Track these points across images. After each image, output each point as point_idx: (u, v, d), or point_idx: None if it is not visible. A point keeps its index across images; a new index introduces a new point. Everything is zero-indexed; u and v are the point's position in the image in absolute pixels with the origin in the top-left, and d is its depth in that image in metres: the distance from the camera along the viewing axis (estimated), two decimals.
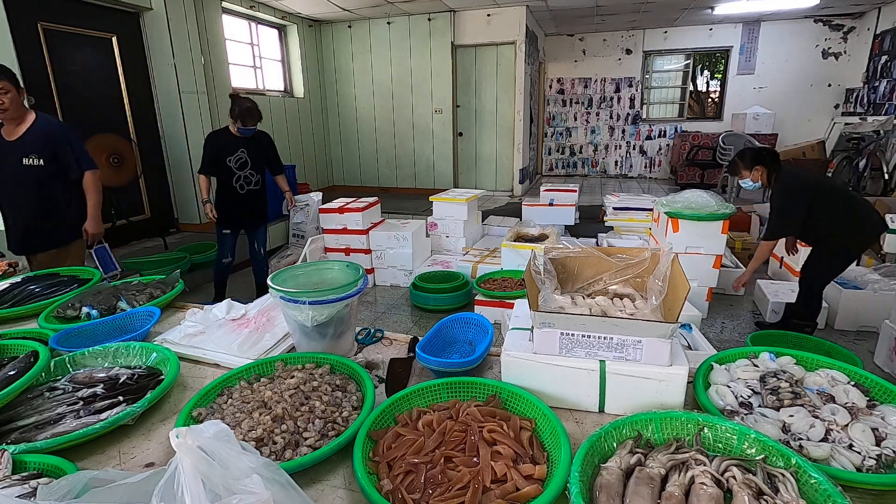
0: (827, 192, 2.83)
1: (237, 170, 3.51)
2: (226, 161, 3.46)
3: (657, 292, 1.08)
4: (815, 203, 2.76)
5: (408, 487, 0.80)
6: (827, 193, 2.82)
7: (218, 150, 3.47)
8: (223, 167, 3.48)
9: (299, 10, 7.21)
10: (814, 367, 1.11)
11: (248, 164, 3.54)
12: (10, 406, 1.04)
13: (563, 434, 0.86)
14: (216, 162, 3.49)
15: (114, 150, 4.25)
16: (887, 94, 7.15)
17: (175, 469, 0.58)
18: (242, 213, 3.67)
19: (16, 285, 1.78)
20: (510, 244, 3.88)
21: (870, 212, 2.82)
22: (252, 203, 3.66)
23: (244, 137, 3.50)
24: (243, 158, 3.51)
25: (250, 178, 3.58)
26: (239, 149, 3.49)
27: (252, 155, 3.55)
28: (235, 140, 3.49)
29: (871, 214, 2.82)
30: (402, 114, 8.09)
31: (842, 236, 2.80)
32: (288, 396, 1.03)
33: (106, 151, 4.18)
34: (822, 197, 2.79)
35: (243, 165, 3.53)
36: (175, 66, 5.15)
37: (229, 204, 3.59)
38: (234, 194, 3.55)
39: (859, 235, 2.80)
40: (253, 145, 3.56)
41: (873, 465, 0.82)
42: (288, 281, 1.30)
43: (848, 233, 2.79)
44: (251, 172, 3.58)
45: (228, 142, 3.48)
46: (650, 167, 9.84)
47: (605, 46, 9.44)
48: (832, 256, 2.88)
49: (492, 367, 1.25)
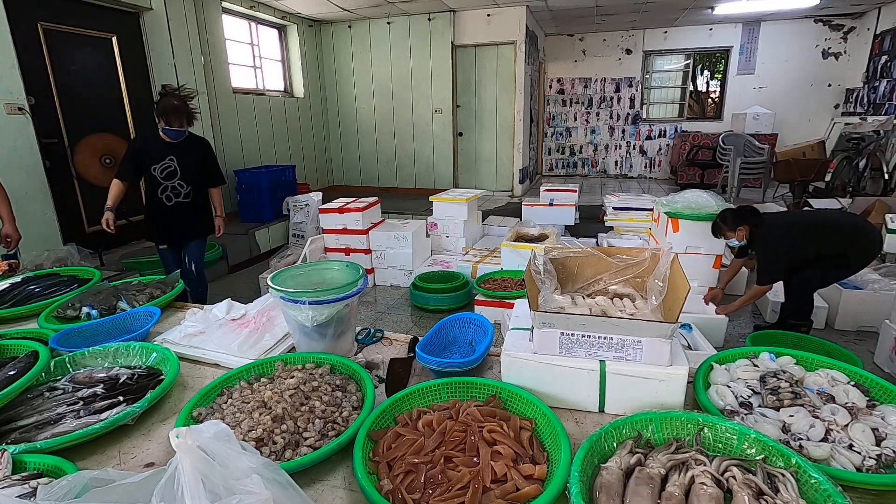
0: (807, 228, 2.87)
1: (163, 180, 3.04)
2: (150, 169, 3.01)
3: (657, 292, 1.08)
4: (796, 243, 2.83)
5: (408, 487, 0.80)
6: (807, 229, 2.87)
7: (141, 155, 3.02)
8: (148, 175, 3.04)
9: (299, 10, 7.21)
10: (814, 367, 1.11)
11: (177, 174, 3.06)
12: (10, 406, 1.04)
13: (563, 434, 0.86)
14: (138, 168, 3.04)
15: (107, 150, 4.21)
16: (887, 94, 7.15)
17: (175, 469, 0.58)
18: (170, 227, 3.20)
19: (16, 285, 1.78)
20: (510, 244, 3.88)
21: (860, 229, 2.83)
22: (181, 217, 3.18)
23: (173, 142, 3.02)
24: (171, 167, 3.04)
25: (179, 189, 3.09)
26: (167, 156, 3.02)
27: (182, 163, 3.06)
28: (164, 145, 3.02)
29: (862, 231, 2.82)
30: (402, 114, 8.08)
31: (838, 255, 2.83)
32: (288, 396, 1.03)
33: (99, 152, 4.16)
34: (803, 234, 2.84)
35: (171, 175, 3.05)
36: (175, 66, 5.15)
37: (156, 217, 3.16)
38: (160, 206, 3.10)
39: (856, 248, 2.81)
40: (184, 152, 3.07)
41: (873, 465, 0.82)
42: (288, 281, 1.30)
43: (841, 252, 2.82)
44: (180, 183, 3.09)
45: (154, 147, 3.02)
46: (650, 167, 9.84)
47: (605, 46, 9.44)
48: (831, 268, 2.91)
49: (492, 367, 1.25)
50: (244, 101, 6.50)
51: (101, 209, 3.07)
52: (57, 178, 4.12)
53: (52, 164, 4.06)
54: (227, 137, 6.18)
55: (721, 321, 3.03)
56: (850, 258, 2.82)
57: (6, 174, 3.63)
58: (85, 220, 4.52)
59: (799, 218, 3.14)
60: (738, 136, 7.21)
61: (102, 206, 3.06)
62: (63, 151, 4.25)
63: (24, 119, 3.75)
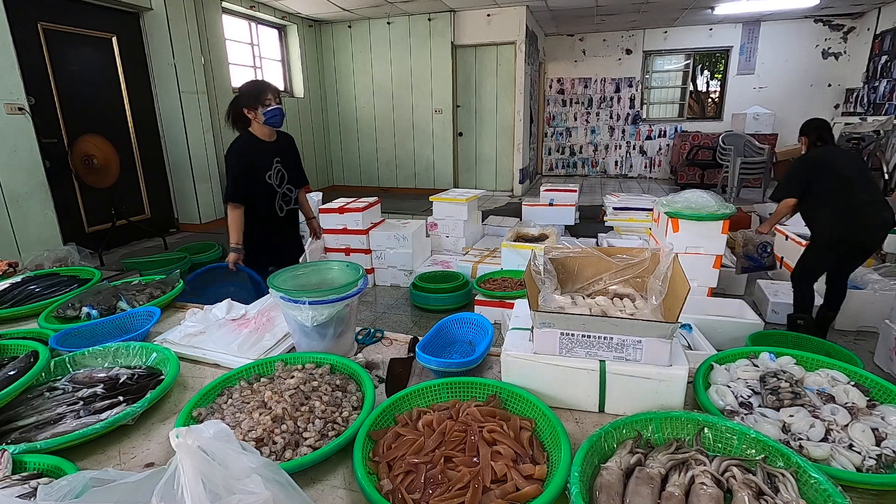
0: (829, 174, 2.80)
1: (278, 187, 2.53)
2: (265, 178, 2.46)
3: (657, 292, 1.08)
4: (812, 181, 2.82)
5: (408, 487, 0.80)
6: (829, 175, 2.80)
7: (251, 166, 2.43)
8: (261, 187, 2.47)
9: (299, 10, 7.21)
10: (814, 367, 1.11)
11: (285, 178, 2.56)
12: (10, 406, 1.04)
13: (563, 434, 0.86)
14: (253, 182, 2.44)
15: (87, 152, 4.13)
16: (887, 94, 7.15)
17: (175, 469, 0.58)
18: (285, 239, 2.69)
19: (16, 285, 1.78)
20: (510, 244, 3.88)
21: (861, 206, 2.72)
22: (292, 226, 2.72)
23: (270, 143, 2.50)
24: (280, 170, 2.53)
25: (288, 195, 2.61)
26: (273, 158, 2.49)
27: (286, 164, 2.56)
28: (265, 147, 2.47)
29: (863, 209, 2.72)
30: (402, 114, 8.09)
31: (821, 224, 2.82)
32: (288, 396, 1.03)
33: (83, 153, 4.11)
34: (820, 177, 2.81)
35: (282, 180, 2.55)
36: (175, 66, 5.15)
37: (270, 233, 2.57)
38: (272, 220, 2.56)
39: (838, 228, 2.75)
40: (283, 150, 2.57)
41: (873, 465, 0.82)
42: (288, 281, 1.30)
43: (826, 221, 2.79)
44: (289, 188, 2.60)
45: (255, 151, 2.45)
46: (650, 167, 9.84)
47: (605, 46, 9.44)
48: (816, 246, 2.91)
49: (492, 367, 1.25)
50: None
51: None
52: (57, 178, 4.12)
53: (52, 164, 4.06)
54: (227, 138, 6.17)
55: (721, 321, 3.03)
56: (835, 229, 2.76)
57: (6, 174, 3.64)
58: (85, 220, 4.53)
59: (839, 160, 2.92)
60: (738, 136, 7.21)
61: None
62: (63, 151, 4.26)
63: (24, 119, 3.75)
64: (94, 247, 4.08)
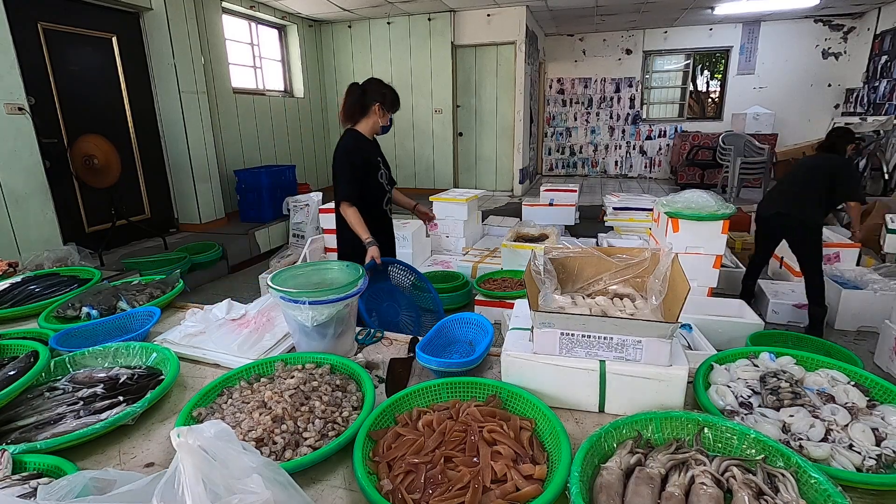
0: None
1: (386, 186, 2.51)
2: (377, 177, 2.43)
3: (657, 292, 1.08)
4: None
5: (408, 487, 0.80)
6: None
7: (370, 160, 2.40)
8: (374, 187, 2.43)
9: (299, 10, 7.21)
10: (814, 367, 1.11)
11: (387, 178, 2.54)
12: (10, 406, 1.04)
13: (563, 434, 0.86)
14: (366, 180, 2.39)
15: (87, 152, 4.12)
16: (887, 94, 7.15)
17: (176, 469, 0.58)
18: (389, 241, 2.61)
19: (16, 285, 1.78)
20: (510, 244, 3.88)
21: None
22: (391, 227, 2.66)
23: (372, 142, 2.46)
24: (385, 171, 2.51)
25: (390, 195, 2.58)
26: (378, 157, 2.46)
27: (385, 164, 2.54)
28: (371, 146, 2.43)
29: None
30: (402, 114, 8.08)
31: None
32: (288, 396, 1.03)
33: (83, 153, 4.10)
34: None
35: (388, 180, 2.54)
36: (175, 66, 5.15)
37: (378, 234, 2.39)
38: (382, 220, 2.51)
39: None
40: (380, 150, 2.55)
41: (873, 465, 0.82)
42: (288, 281, 1.30)
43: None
44: (390, 187, 2.57)
45: (365, 150, 2.39)
46: (650, 167, 9.84)
47: (605, 46, 9.43)
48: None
49: (492, 367, 1.25)
50: (244, 101, 6.50)
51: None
52: (57, 179, 4.12)
53: (52, 164, 4.06)
54: (227, 137, 6.18)
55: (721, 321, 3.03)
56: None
57: (6, 174, 3.64)
58: (85, 220, 4.52)
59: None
60: (738, 136, 7.21)
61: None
62: (63, 151, 4.25)
63: (24, 119, 3.74)
64: (94, 247, 4.08)
